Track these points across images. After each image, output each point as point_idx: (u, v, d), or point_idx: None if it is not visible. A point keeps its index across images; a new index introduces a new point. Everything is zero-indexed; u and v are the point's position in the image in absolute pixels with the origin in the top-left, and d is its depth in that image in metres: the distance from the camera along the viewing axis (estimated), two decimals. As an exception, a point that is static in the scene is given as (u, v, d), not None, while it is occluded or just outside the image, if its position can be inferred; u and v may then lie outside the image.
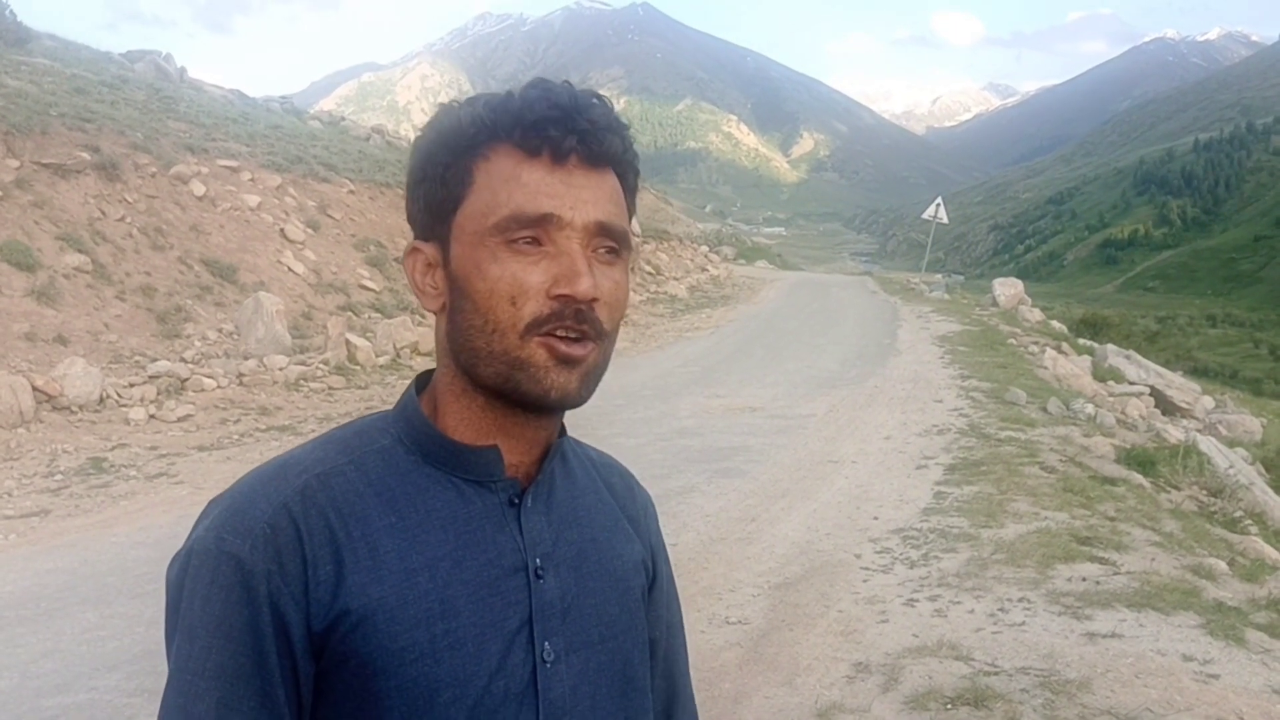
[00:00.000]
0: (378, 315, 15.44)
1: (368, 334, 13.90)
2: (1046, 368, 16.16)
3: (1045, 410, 12.04)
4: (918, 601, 5.80)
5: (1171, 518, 7.83)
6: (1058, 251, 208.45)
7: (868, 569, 6.45)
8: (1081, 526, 7.18)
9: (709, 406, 12.00)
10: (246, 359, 11.74)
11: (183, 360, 11.37)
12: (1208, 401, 20.42)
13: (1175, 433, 12.99)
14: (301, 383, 11.64)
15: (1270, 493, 10.52)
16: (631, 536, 1.28)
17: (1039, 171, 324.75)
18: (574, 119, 1.06)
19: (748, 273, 37.41)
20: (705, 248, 38.39)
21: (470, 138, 1.09)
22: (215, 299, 13.42)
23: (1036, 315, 26.40)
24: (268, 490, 1.07)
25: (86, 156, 13.44)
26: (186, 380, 10.71)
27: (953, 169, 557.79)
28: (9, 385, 8.95)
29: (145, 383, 10.37)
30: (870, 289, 33.71)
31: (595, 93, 1.11)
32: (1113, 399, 15.63)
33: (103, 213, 13.11)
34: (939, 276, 41.87)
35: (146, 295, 12.47)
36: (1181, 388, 19.58)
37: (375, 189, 20.13)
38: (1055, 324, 26.09)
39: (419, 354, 14.02)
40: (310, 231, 16.67)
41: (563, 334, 1.06)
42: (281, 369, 11.64)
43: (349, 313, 15.07)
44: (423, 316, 16.02)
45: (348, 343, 12.85)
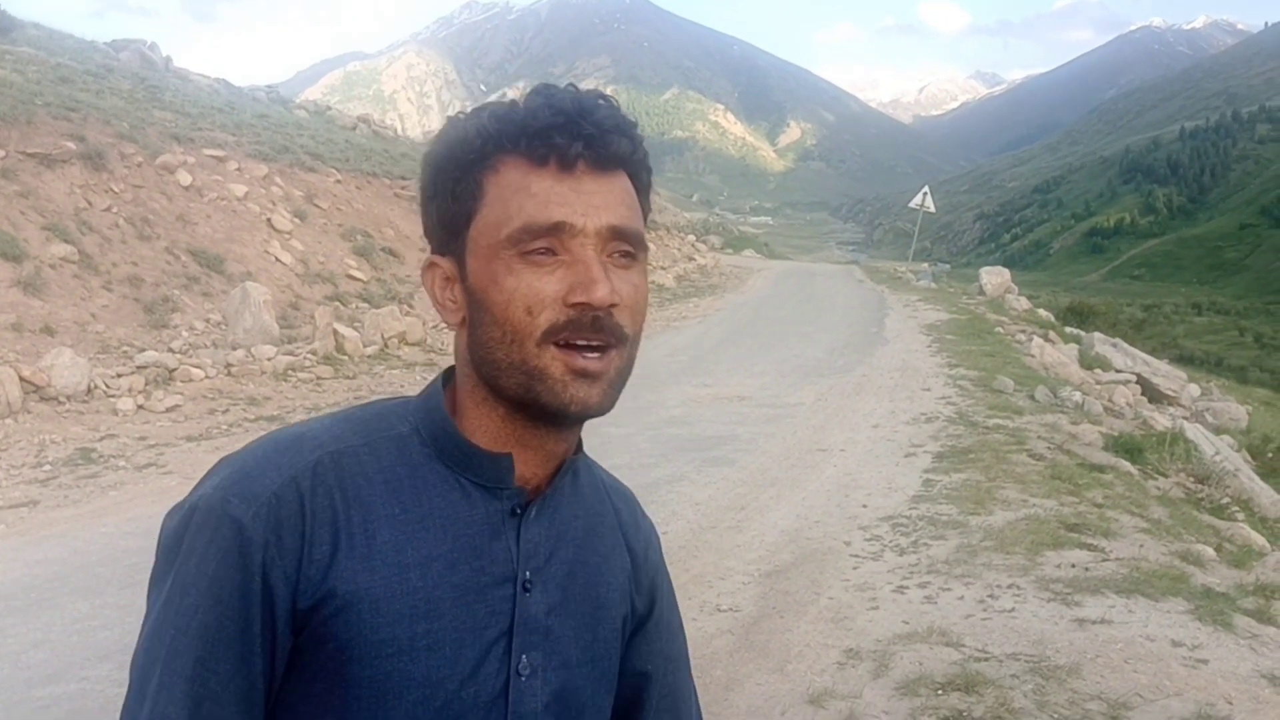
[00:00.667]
0: (365, 305, 15.40)
1: (355, 324, 13.86)
2: (1034, 356, 16.21)
3: (1033, 398, 12.09)
4: (908, 588, 5.82)
5: (1159, 504, 7.87)
6: (1044, 240, 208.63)
7: (857, 556, 6.47)
8: (1070, 513, 7.21)
9: (697, 395, 12.01)
10: (234, 349, 11.70)
11: (170, 350, 11.33)
12: (1194, 389, 20.54)
13: (1162, 420, 13.06)
14: (289, 373, 11.61)
15: (1256, 479, 10.58)
16: (625, 567, 1.28)
17: (1025, 160, 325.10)
18: (579, 124, 1.06)
19: (735, 262, 37.41)
20: (692, 237, 38.45)
21: (477, 150, 1.08)
22: (202, 289, 13.37)
23: (1023, 304, 26.51)
24: (280, 460, 1.07)
25: (72, 146, 13.37)
26: (174, 370, 10.67)
27: (939, 158, 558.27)
28: (-4, 376, 8.90)
29: (133, 373, 10.33)
30: (857, 278, 33.77)
31: (601, 94, 1.11)
32: (1100, 387, 15.69)
33: (89, 203, 13.05)
34: (925, 265, 41.89)
35: (134, 285, 12.42)
36: (1168, 375, 19.69)
37: (362, 178, 20.08)
38: (1042, 312, 26.22)
39: (406, 343, 13.99)
40: (297, 221, 16.61)
41: (583, 343, 1.05)
42: (269, 359, 11.60)
43: (336, 303, 15.04)
44: (410, 306, 16.00)
45: (335, 333, 12.82)
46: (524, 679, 1.12)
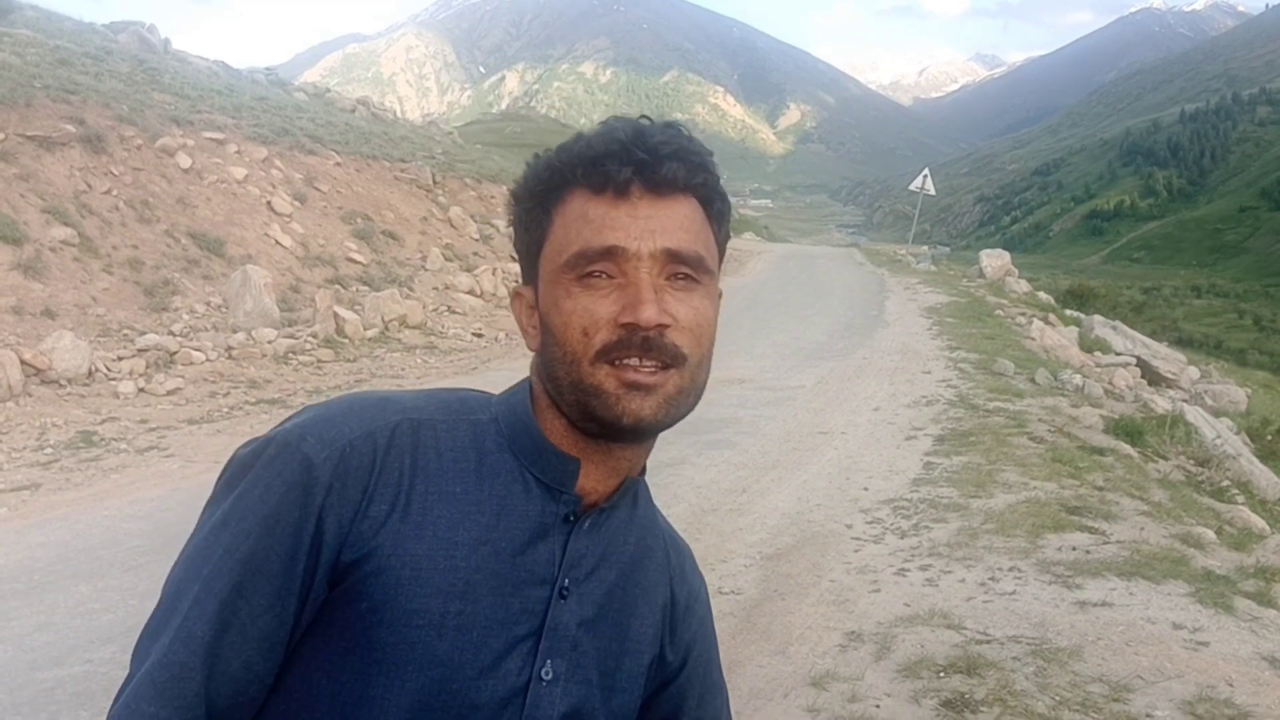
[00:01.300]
0: (365, 288, 15.39)
1: (355, 307, 13.86)
2: (1034, 339, 16.22)
3: (1033, 381, 12.09)
4: (909, 571, 5.83)
5: (1160, 487, 7.88)
6: (1044, 223, 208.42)
7: (859, 539, 6.47)
8: (1070, 496, 7.22)
9: (698, 378, 11.98)
10: (235, 332, 11.70)
11: (171, 333, 11.32)
12: (1193, 372, 20.54)
13: (1162, 403, 13.05)
14: (290, 356, 11.61)
15: (1256, 462, 10.58)
16: (664, 608, 1.30)
17: (1025, 143, 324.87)
18: (631, 151, 1.08)
19: (734, 245, 37.15)
20: (693, 220, 38.32)
21: (546, 182, 1.13)
22: (203, 272, 13.35)
23: (1023, 286, 26.49)
24: (363, 415, 1.11)
25: (71, 129, 13.33)
26: (175, 353, 10.67)
27: (939, 140, 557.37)
28: (-4, 359, 8.90)
29: (134, 356, 10.33)
30: (857, 260, 33.73)
31: (670, 122, 1.15)
32: (1100, 369, 15.70)
33: (89, 185, 13.02)
34: (925, 248, 41.89)
35: (134, 268, 12.40)
36: (1167, 358, 19.68)
37: (362, 161, 20.04)
38: (1042, 295, 26.18)
39: (407, 327, 14.00)
40: (297, 204, 16.59)
41: (634, 361, 1.07)
42: (270, 342, 11.61)
43: (337, 285, 15.02)
44: (410, 290, 16.01)
45: (336, 315, 12.82)
46: (545, 684, 1.13)
